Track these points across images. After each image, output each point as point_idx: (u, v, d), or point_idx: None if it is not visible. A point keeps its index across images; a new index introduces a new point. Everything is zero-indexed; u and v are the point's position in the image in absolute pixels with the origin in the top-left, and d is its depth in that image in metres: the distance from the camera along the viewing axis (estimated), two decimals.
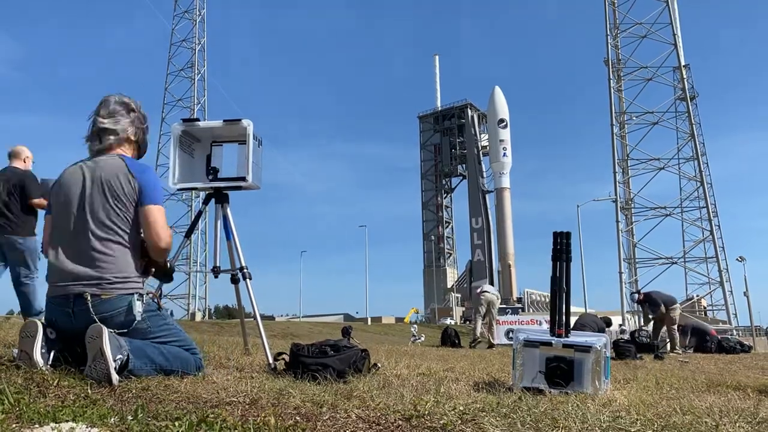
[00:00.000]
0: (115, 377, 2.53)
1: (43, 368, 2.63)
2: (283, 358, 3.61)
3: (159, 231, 2.93)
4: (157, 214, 2.94)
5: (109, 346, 2.56)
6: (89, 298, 2.76)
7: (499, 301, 14.23)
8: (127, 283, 2.85)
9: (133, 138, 3.12)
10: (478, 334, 12.79)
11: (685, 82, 46.74)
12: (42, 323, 2.78)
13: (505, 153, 73.62)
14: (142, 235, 2.98)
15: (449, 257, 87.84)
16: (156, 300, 3.04)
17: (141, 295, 2.89)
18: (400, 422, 2.16)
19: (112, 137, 3.03)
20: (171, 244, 3.04)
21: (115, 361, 2.55)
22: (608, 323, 12.74)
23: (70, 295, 2.79)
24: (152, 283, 3.25)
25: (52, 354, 2.75)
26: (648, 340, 10.79)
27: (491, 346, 12.45)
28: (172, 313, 3.16)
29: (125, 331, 2.79)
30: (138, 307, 2.84)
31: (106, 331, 2.60)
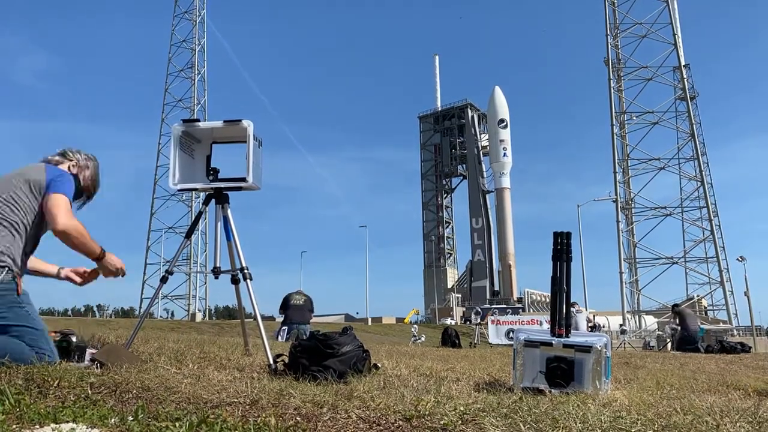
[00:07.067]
0: None
1: None
2: (283, 360, 3.61)
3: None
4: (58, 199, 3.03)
5: None
6: None
7: None
8: None
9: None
10: None
11: (685, 82, 46.63)
12: None
13: (505, 153, 73.71)
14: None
15: (449, 257, 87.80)
16: (17, 280, 2.94)
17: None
18: (401, 422, 2.16)
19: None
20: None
21: None
22: None
23: None
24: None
25: None
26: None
27: None
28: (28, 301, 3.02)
29: None
30: None
31: None
